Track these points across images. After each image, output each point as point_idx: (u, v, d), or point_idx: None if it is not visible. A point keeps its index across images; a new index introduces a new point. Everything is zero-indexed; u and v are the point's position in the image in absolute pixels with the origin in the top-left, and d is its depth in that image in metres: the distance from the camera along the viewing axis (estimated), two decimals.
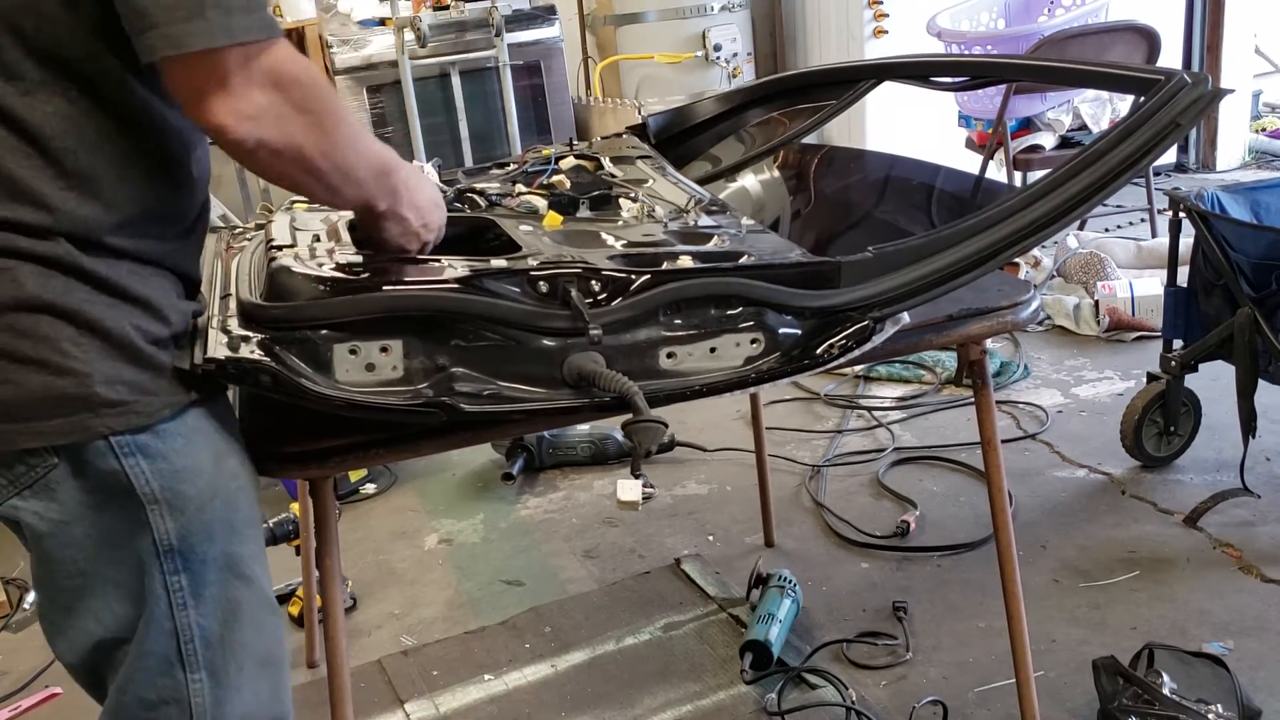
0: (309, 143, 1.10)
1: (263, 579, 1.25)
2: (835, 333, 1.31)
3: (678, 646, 2.22)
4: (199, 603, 1.17)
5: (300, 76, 1.08)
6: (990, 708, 1.96)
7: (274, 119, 1.06)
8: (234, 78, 1.03)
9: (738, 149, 2.01)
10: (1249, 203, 2.59)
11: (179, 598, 1.16)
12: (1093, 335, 3.51)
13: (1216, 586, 2.22)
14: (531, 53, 4.63)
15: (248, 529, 1.21)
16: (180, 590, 1.15)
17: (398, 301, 1.17)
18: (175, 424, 1.12)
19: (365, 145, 1.21)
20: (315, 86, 1.10)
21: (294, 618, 2.44)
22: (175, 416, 1.12)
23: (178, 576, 1.15)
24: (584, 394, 1.22)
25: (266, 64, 1.05)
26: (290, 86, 1.07)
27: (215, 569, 1.17)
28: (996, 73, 2.21)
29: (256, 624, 1.23)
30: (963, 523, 2.57)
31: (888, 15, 4.65)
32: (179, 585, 1.15)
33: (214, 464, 1.15)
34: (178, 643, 1.17)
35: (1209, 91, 1.36)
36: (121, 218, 1.09)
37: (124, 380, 1.07)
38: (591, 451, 3.04)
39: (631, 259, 1.32)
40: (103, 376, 1.06)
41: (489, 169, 1.83)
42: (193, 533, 1.14)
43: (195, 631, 1.17)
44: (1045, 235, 1.36)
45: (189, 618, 1.17)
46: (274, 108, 1.06)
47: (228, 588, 1.19)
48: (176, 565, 1.14)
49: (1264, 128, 5.51)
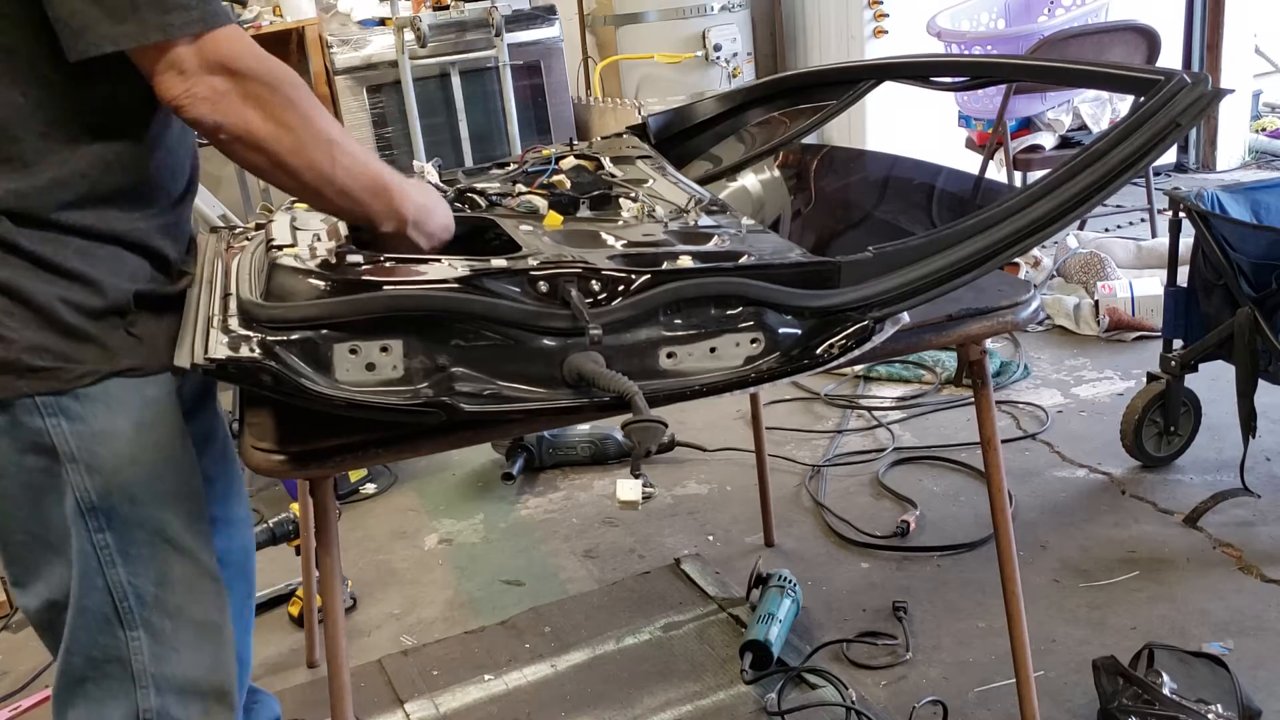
0: (269, 135, 1.14)
1: (198, 549, 1.30)
2: (835, 333, 1.31)
3: (678, 646, 2.22)
4: (128, 562, 1.23)
5: (255, 69, 1.13)
6: (990, 708, 1.96)
7: (229, 105, 1.12)
8: (186, 63, 1.10)
9: (738, 149, 2.01)
10: (1249, 203, 2.59)
11: (106, 555, 1.22)
12: (1093, 335, 3.51)
13: (1216, 586, 2.22)
14: (531, 53, 4.63)
15: (177, 499, 1.27)
16: (107, 548, 1.22)
17: (398, 301, 1.17)
18: (97, 390, 1.19)
19: (354, 158, 1.22)
20: (274, 82, 1.14)
21: (294, 618, 2.44)
22: (98, 383, 1.19)
23: (103, 534, 1.22)
24: (584, 394, 1.22)
25: (215, 52, 1.11)
26: (244, 77, 1.12)
27: (142, 532, 1.24)
28: (996, 73, 2.20)
29: (192, 590, 1.29)
30: (963, 523, 2.57)
31: (888, 15, 4.65)
32: (105, 543, 1.22)
33: (135, 432, 1.22)
34: (113, 600, 1.24)
35: (1209, 91, 1.36)
36: (72, 197, 1.16)
37: (48, 348, 1.16)
38: (591, 451, 3.04)
39: (631, 259, 1.32)
40: (27, 344, 1.15)
41: (489, 169, 1.83)
42: (112, 493, 1.21)
43: (128, 590, 1.24)
44: (1045, 235, 1.36)
45: (119, 575, 1.23)
46: (229, 94, 1.12)
47: (157, 550, 1.25)
48: (100, 523, 1.22)
49: (1264, 128, 5.51)
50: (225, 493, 1.56)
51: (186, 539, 1.28)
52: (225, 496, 1.56)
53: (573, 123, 4.78)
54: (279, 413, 1.26)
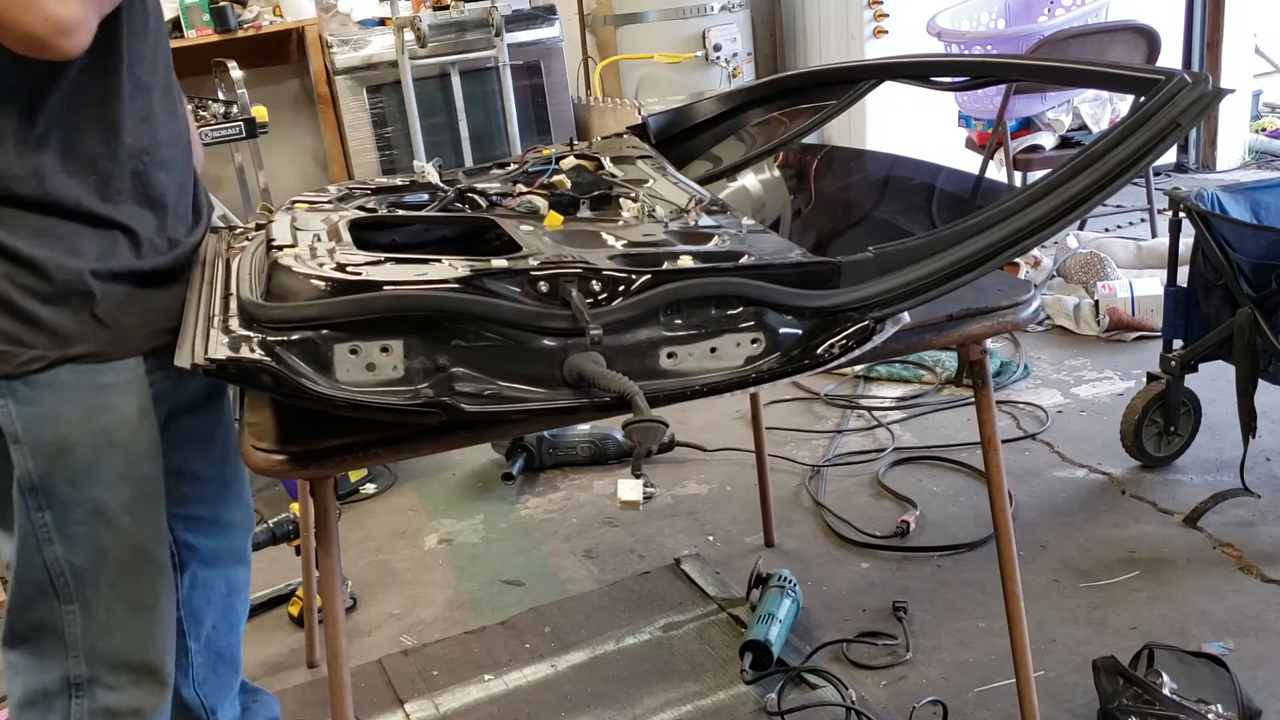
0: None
1: (138, 531, 1.32)
2: (835, 333, 1.31)
3: (678, 646, 2.22)
4: (66, 540, 1.27)
5: None
6: (990, 708, 1.96)
7: None
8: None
9: (738, 149, 2.01)
10: (1249, 203, 2.59)
11: (45, 532, 1.27)
12: (1093, 335, 3.51)
13: (1216, 586, 2.22)
14: (531, 53, 4.63)
15: (120, 482, 1.29)
16: (45, 526, 1.26)
17: (398, 301, 1.17)
18: (47, 376, 1.21)
19: None
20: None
21: (294, 618, 2.44)
22: (47, 369, 1.21)
23: (42, 513, 1.26)
24: (584, 394, 1.22)
25: None
26: None
27: (81, 512, 1.27)
28: (996, 73, 2.21)
29: (128, 570, 1.32)
30: (963, 523, 2.57)
31: (888, 15, 4.65)
32: (44, 521, 1.26)
33: (82, 418, 1.24)
34: (49, 575, 1.28)
35: (1209, 91, 1.36)
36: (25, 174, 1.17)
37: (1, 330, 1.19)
38: (591, 451, 3.04)
39: (632, 259, 1.32)
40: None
41: (489, 169, 1.83)
42: (53, 474, 1.24)
43: (64, 566, 1.28)
44: (1045, 235, 1.36)
45: (56, 552, 1.28)
46: None
47: (95, 530, 1.29)
48: (40, 502, 1.25)
49: (1264, 128, 5.51)
50: (218, 495, 1.56)
51: (125, 520, 1.31)
52: (218, 498, 1.56)
53: (573, 123, 4.78)
54: (279, 413, 1.26)
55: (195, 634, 1.61)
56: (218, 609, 1.64)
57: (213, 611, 1.62)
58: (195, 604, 1.59)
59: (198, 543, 1.54)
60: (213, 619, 1.62)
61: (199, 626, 1.60)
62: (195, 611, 1.59)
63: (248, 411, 1.31)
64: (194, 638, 1.62)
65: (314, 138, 4.95)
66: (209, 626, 1.62)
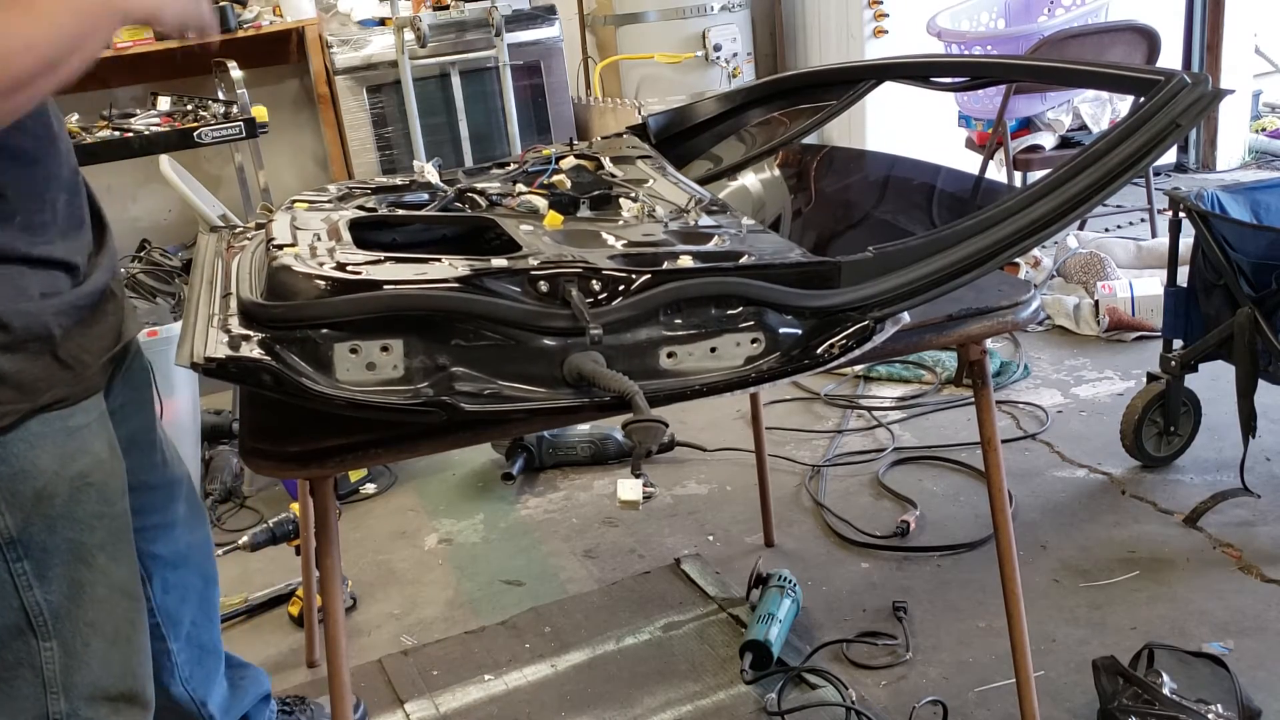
0: None
1: (114, 566, 1.30)
2: (835, 333, 1.31)
3: (678, 646, 2.22)
4: (44, 583, 1.24)
5: None
6: (990, 708, 1.96)
7: None
8: None
9: (738, 149, 2.01)
10: (1249, 203, 2.59)
11: (23, 580, 1.23)
12: (1093, 335, 3.51)
13: (1216, 586, 2.22)
14: (531, 53, 4.63)
15: (96, 521, 1.26)
16: (24, 575, 1.23)
17: (399, 301, 1.17)
18: (18, 431, 1.16)
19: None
20: None
21: (294, 618, 2.44)
22: (17, 424, 1.16)
23: (20, 564, 1.22)
24: (584, 394, 1.22)
25: None
26: None
27: (59, 554, 1.24)
28: (996, 73, 2.21)
29: (104, 605, 1.30)
30: (963, 523, 2.57)
31: (888, 15, 4.65)
32: (22, 571, 1.22)
33: (58, 466, 1.20)
34: (28, 616, 1.24)
35: (1209, 92, 1.36)
36: None
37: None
38: (591, 451, 3.04)
39: (632, 259, 1.32)
40: None
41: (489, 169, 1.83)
42: (32, 524, 1.20)
43: (44, 607, 1.25)
44: (1045, 235, 1.36)
45: (35, 597, 1.24)
46: None
47: (72, 570, 1.26)
48: (19, 554, 1.21)
49: (1264, 128, 5.51)
50: (167, 499, 1.55)
51: (102, 558, 1.28)
52: (167, 502, 1.56)
53: (573, 123, 4.78)
54: (279, 413, 1.26)
55: (175, 635, 1.61)
56: (194, 604, 1.64)
57: (189, 609, 1.62)
58: (170, 607, 1.59)
59: (160, 550, 1.54)
60: (190, 615, 1.63)
61: (178, 627, 1.61)
62: (172, 614, 1.59)
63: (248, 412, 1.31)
64: (175, 638, 1.62)
65: (314, 138, 4.95)
66: (188, 624, 1.62)
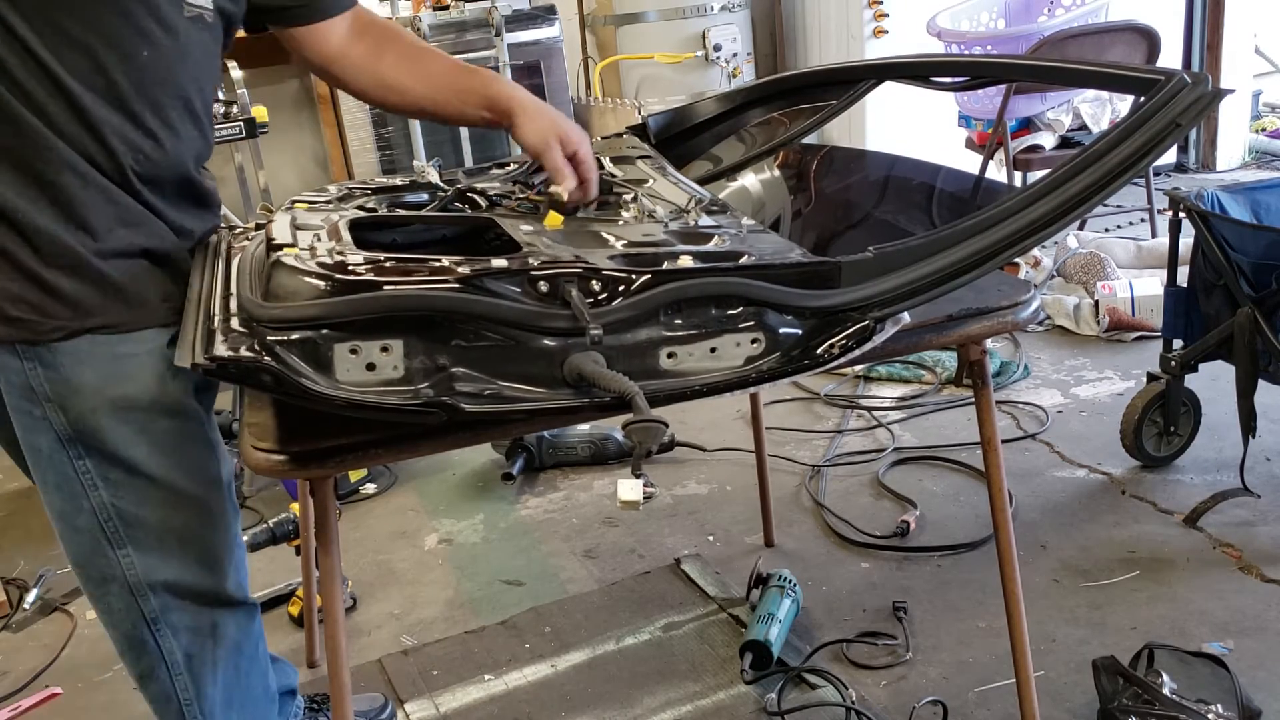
0: None
1: (173, 476, 1.39)
2: (835, 333, 1.31)
3: (678, 646, 2.22)
4: (108, 484, 1.36)
5: None
6: (990, 708, 1.96)
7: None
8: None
9: (738, 149, 2.01)
10: (1249, 203, 2.59)
11: (88, 479, 1.35)
12: (1093, 335, 3.52)
13: (1216, 586, 2.22)
14: (531, 53, 4.63)
15: (143, 437, 1.36)
16: (88, 473, 1.35)
17: (398, 301, 1.17)
18: (68, 345, 1.29)
19: None
20: None
21: (294, 618, 2.45)
22: (68, 338, 1.29)
23: (83, 461, 1.34)
24: (584, 394, 1.22)
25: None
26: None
27: (116, 464, 1.35)
28: (996, 73, 2.20)
29: (170, 506, 1.40)
30: (963, 523, 2.57)
31: (888, 15, 4.65)
32: (86, 469, 1.35)
33: (100, 384, 1.31)
34: (98, 520, 1.37)
35: (1209, 91, 1.36)
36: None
37: (25, 299, 1.27)
38: (591, 451, 3.04)
39: (632, 259, 1.32)
40: (6, 294, 1.26)
41: (489, 169, 1.83)
42: (84, 431, 1.33)
43: (111, 511, 1.37)
44: (1045, 235, 1.36)
45: (102, 497, 1.36)
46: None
47: (133, 478, 1.36)
48: (80, 451, 1.34)
49: (1264, 128, 5.51)
50: None
51: (156, 468, 1.37)
52: None
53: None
54: (279, 413, 1.26)
55: None
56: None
57: None
58: None
59: None
60: None
61: None
62: None
63: (248, 411, 1.31)
64: None
65: (314, 138, 4.95)
66: None
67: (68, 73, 1.23)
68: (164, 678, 1.47)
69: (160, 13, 1.28)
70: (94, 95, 1.25)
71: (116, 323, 1.31)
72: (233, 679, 1.52)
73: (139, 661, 1.47)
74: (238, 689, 1.53)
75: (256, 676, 1.58)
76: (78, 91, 1.24)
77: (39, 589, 2.63)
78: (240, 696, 1.55)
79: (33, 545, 2.86)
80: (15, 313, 1.27)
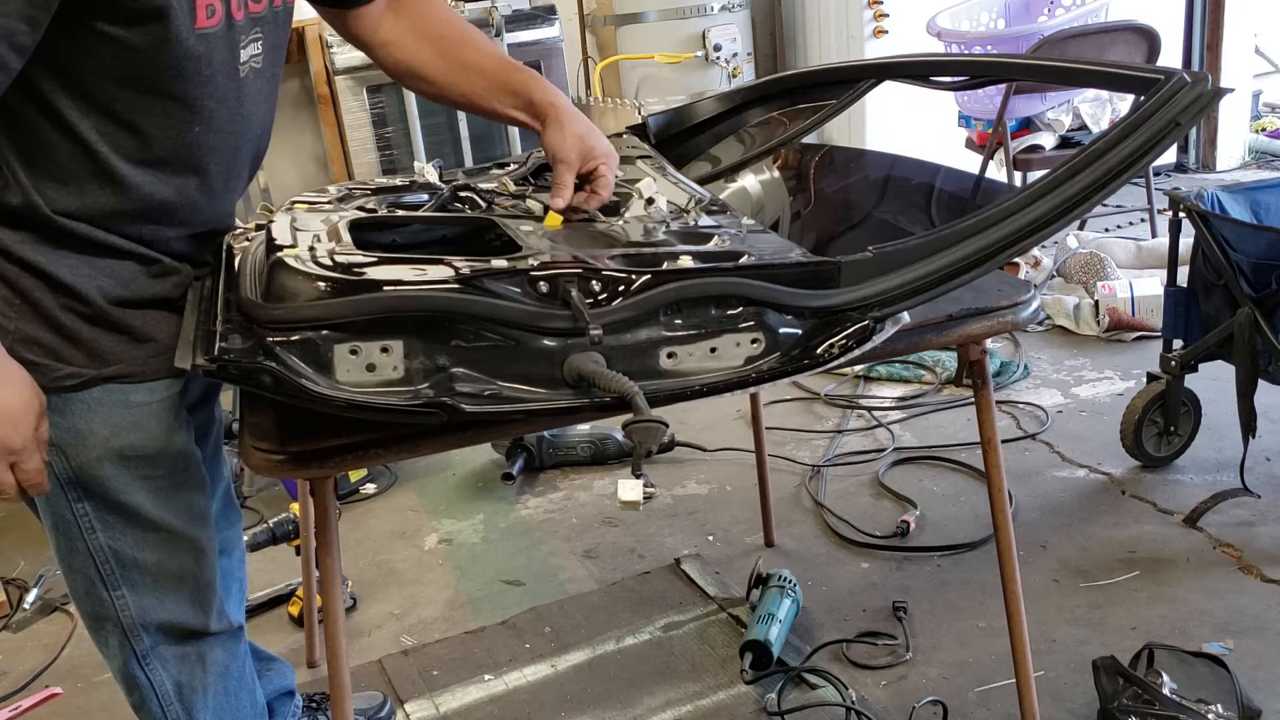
0: None
1: (170, 519, 1.38)
2: (835, 332, 1.31)
3: (678, 646, 2.22)
4: (106, 529, 1.35)
5: None
6: (990, 708, 1.96)
7: None
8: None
9: (738, 149, 2.01)
10: (1249, 203, 2.59)
11: (85, 522, 1.34)
12: (1093, 335, 3.51)
13: (1216, 586, 2.22)
14: (531, 53, 4.62)
15: (145, 483, 1.35)
16: (86, 516, 1.34)
17: (399, 302, 1.17)
18: (81, 394, 1.27)
19: None
20: None
21: (294, 618, 2.44)
22: (80, 388, 1.27)
23: (81, 504, 1.33)
24: (584, 394, 1.22)
25: None
26: None
27: (116, 507, 1.34)
28: (996, 73, 2.20)
29: (165, 548, 1.39)
30: (963, 523, 2.57)
31: (888, 15, 4.65)
32: (84, 511, 1.34)
33: (109, 434, 1.30)
34: (95, 563, 1.36)
35: (1209, 91, 1.36)
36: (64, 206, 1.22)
37: (40, 343, 1.24)
38: (591, 451, 3.04)
39: (632, 259, 1.32)
40: (21, 335, 1.23)
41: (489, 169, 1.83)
42: (87, 478, 1.31)
43: (108, 553, 1.36)
44: (1045, 235, 1.36)
45: (99, 540, 1.35)
46: None
47: (131, 521, 1.36)
48: (79, 495, 1.33)
49: (1264, 128, 5.51)
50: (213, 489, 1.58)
51: (154, 512, 1.37)
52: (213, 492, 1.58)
53: None
54: (279, 413, 1.26)
55: None
56: (233, 597, 1.70)
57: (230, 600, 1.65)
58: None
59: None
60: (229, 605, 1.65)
61: None
62: None
63: (248, 412, 1.31)
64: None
65: (314, 138, 4.95)
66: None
67: (111, 151, 1.21)
68: (156, 709, 1.47)
69: (215, 86, 1.25)
70: (132, 166, 1.23)
71: (133, 372, 1.30)
72: (222, 702, 1.53)
73: (131, 693, 1.47)
74: (227, 711, 1.53)
75: (245, 696, 1.57)
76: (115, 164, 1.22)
77: (39, 589, 2.63)
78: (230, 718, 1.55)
79: (33, 545, 2.85)
80: (30, 356, 1.24)
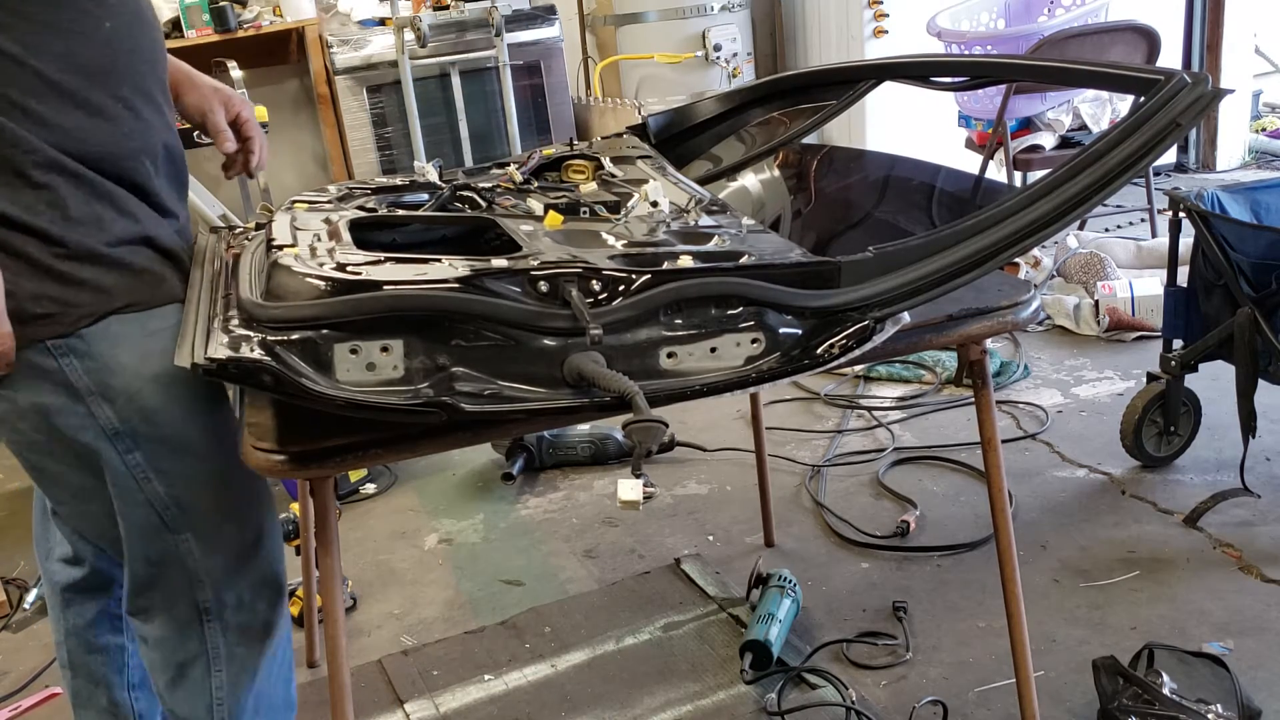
0: None
1: (221, 452, 1.39)
2: (835, 333, 1.31)
3: (678, 646, 2.22)
4: (160, 475, 1.36)
5: None
6: (990, 708, 1.96)
7: None
8: None
9: (738, 149, 2.01)
10: (1249, 203, 2.59)
11: (140, 472, 1.36)
12: (1093, 335, 3.51)
13: (1216, 586, 2.22)
14: (531, 53, 4.63)
15: (190, 413, 1.37)
16: (139, 466, 1.35)
17: (399, 301, 1.17)
18: (99, 329, 1.30)
19: None
20: None
21: (294, 618, 2.44)
22: (97, 323, 1.30)
23: (132, 454, 1.35)
24: (584, 394, 1.22)
25: None
26: None
27: (165, 446, 1.36)
28: (996, 73, 2.20)
29: (225, 493, 1.42)
30: (963, 523, 2.57)
31: (888, 15, 4.65)
32: (136, 461, 1.35)
33: (139, 362, 1.32)
34: (155, 510, 1.37)
35: (1209, 91, 1.36)
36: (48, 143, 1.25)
37: (47, 295, 1.27)
38: (591, 451, 3.04)
39: (632, 259, 1.32)
40: (28, 293, 1.26)
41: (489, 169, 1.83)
42: (129, 417, 1.33)
43: (168, 500, 1.38)
44: (1045, 235, 1.36)
45: (156, 489, 1.37)
46: None
47: (183, 463, 1.37)
48: (128, 444, 1.34)
49: (1264, 128, 5.51)
50: None
51: (205, 448, 1.38)
52: None
53: (573, 123, 4.78)
54: (279, 413, 1.26)
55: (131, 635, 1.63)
56: None
57: None
58: None
59: None
60: None
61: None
62: None
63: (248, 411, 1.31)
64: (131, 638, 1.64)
65: (314, 138, 4.95)
66: None
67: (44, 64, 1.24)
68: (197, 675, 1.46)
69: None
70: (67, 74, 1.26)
71: (140, 300, 1.33)
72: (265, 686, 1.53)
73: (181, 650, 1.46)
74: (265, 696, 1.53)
75: (280, 685, 1.57)
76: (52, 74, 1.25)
77: (39, 589, 2.63)
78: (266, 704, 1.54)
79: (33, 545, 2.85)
80: (39, 310, 1.27)
